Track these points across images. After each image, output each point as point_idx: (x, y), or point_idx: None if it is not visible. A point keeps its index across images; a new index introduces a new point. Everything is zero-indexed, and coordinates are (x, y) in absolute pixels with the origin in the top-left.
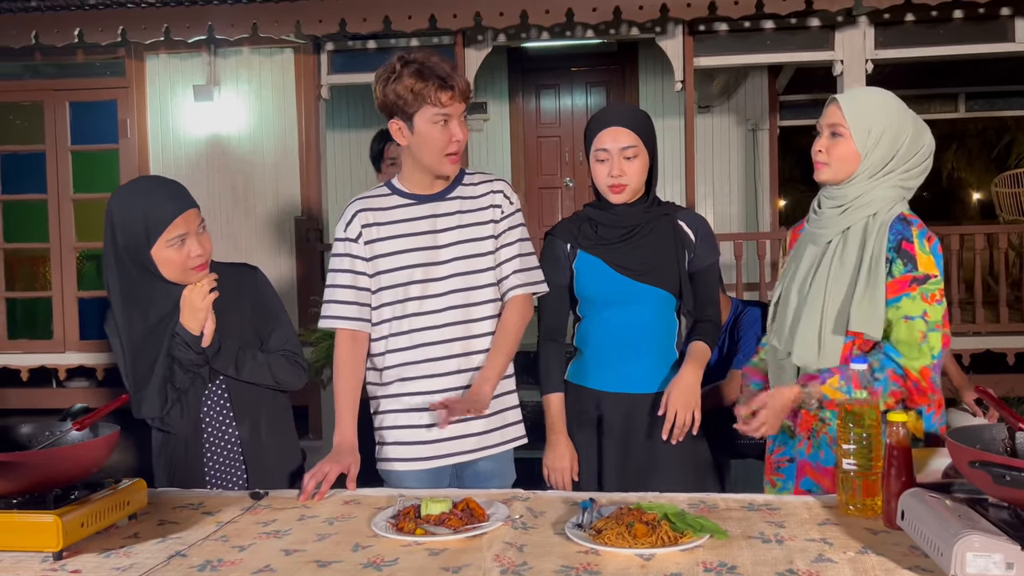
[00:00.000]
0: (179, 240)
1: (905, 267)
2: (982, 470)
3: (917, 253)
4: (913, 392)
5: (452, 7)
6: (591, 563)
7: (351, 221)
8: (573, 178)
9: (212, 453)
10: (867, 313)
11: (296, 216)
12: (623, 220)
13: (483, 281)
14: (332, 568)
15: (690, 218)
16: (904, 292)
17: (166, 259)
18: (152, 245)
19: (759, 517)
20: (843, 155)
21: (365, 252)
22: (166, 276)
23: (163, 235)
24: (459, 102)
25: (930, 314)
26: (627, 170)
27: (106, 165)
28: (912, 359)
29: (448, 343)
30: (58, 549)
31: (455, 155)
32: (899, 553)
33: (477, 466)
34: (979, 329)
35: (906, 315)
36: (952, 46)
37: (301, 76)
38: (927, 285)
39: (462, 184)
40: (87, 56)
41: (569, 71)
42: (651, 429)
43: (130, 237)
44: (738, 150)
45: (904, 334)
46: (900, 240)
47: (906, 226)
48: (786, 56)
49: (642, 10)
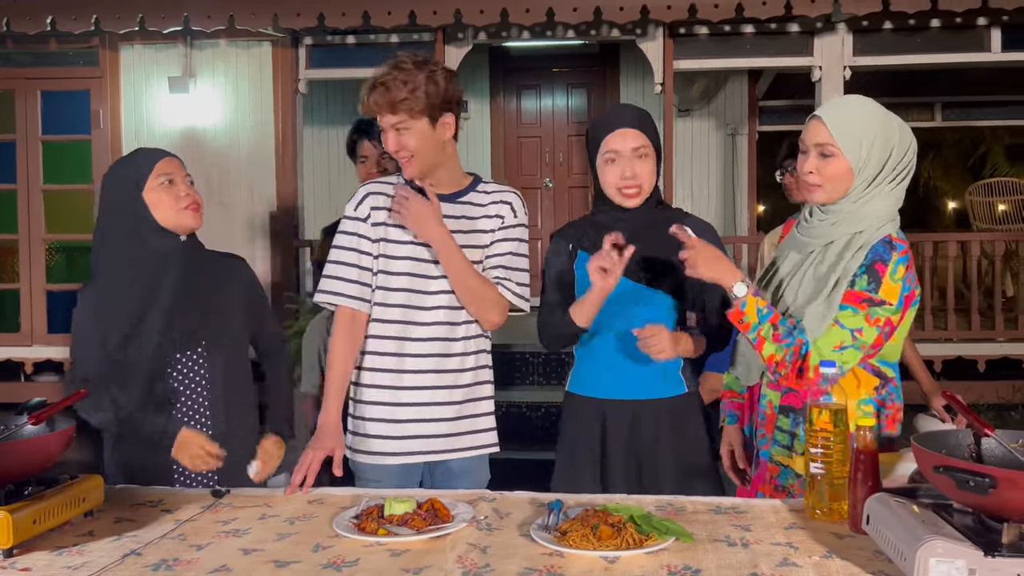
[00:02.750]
0: (167, 180)
1: (868, 285)
2: (946, 475)
3: (886, 278)
4: (793, 371)
5: (432, 4)
6: (555, 565)
7: (362, 201)
8: (553, 179)
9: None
10: (819, 317)
11: (271, 211)
12: (630, 222)
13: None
14: (290, 568)
15: (698, 225)
16: (851, 305)
17: (157, 200)
18: (143, 188)
19: (726, 520)
20: (836, 174)
21: (372, 233)
22: (160, 221)
23: (151, 176)
24: (383, 112)
25: (864, 333)
26: (639, 171)
27: (77, 156)
28: (816, 354)
29: (429, 341)
30: (8, 546)
31: (403, 159)
32: (864, 558)
33: (449, 465)
34: (951, 336)
35: (838, 321)
36: (929, 55)
37: (279, 70)
38: (878, 309)
39: (475, 191)
40: (60, 45)
41: (550, 72)
42: (658, 435)
43: (122, 191)
44: (717, 154)
45: (825, 336)
46: (876, 260)
47: (888, 249)
48: (765, 61)
49: (622, 11)
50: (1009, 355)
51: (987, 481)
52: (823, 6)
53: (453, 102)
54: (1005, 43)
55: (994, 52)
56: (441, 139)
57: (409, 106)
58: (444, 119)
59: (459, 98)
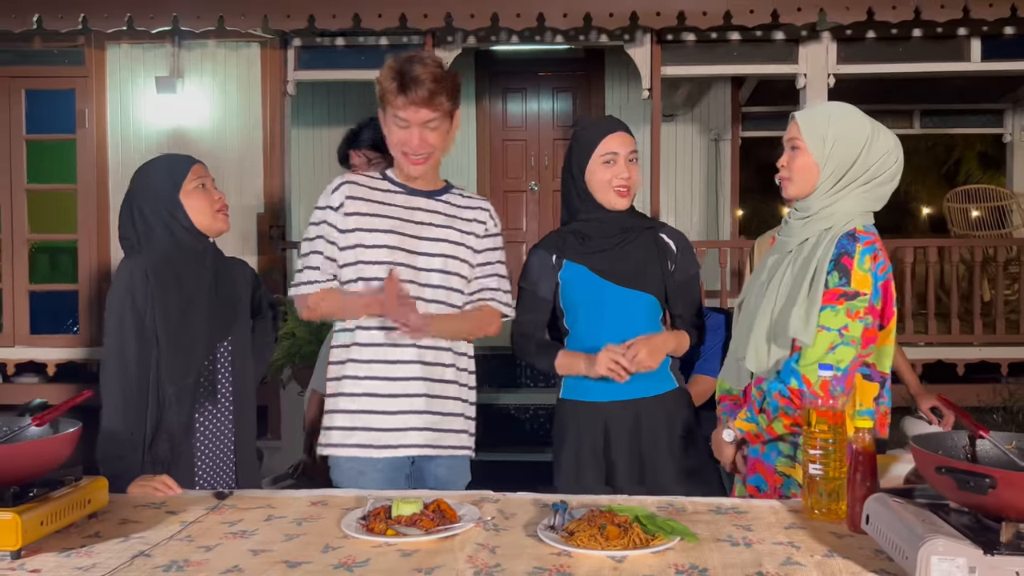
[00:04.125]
0: (201, 184)
1: (839, 280)
2: (948, 476)
3: (854, 269)
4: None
5: (423, 7)
6: (564, 565)
7: (336, 190)
8: (538, 182)
9: (203, 453)
10: (803, 320)
11: (259, 212)
12: (611, 227)
13: (455, 284)
14: (302, 569)
15: (671, 232)
16: (829, 304)
17: (195, 204)
18: (180, 189)
19: (727, 520)
20: (802, 167)
21: (341, 223)
22: (196, 223)
23: (187, 179)
24: (420, 108)
25: (850, 329)
26: (632, 174)
27: (62, 155)
28: (807, 364)
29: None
30: (16, 548)
31: (414, 157)
32: (864, 556)
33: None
34: (931, 340)
35: (823, 325)
36: (911, 63)
37: (267, 71)
38: (854, 302)
39: (450, 193)
40: (45, 43)
41: (536, 76)
42: (658, 432)
43: (159, 193)
44: (700, 159)
45: (814, 345)
46: (841, 255)
47: (851, 241)
48: (751, 68)
49: (612, 17)
50: (987, 359)
51: (987, 481)
52: (809, 15)
53: (457, 101)
54: (984, 53)
55: (973, 62)
56: (452, 135)
57: (441, 103)
58: (455, 119)
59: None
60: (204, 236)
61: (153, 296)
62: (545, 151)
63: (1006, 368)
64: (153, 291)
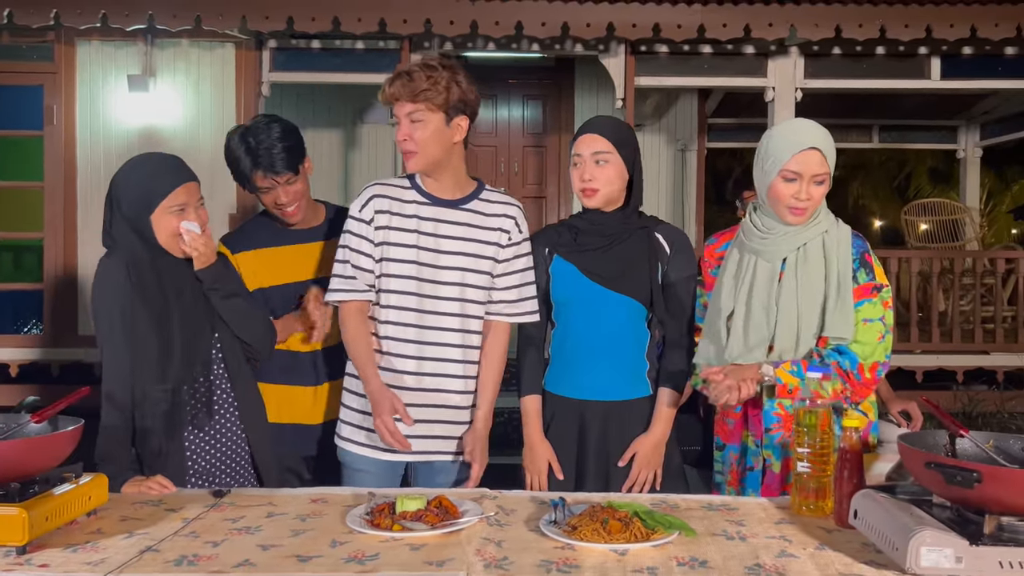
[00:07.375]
0: (179, 209)
1: (867, 276)
2: (936, 471)
3: (875, 265)
4: (857, 385)
5: (403, 12)
6: (569, 558)
7: (366, 204)
8: (507, 188)
9: (222, 453)
10: (841, 318)
11: (231, 213)
12: (600, 228)
13: (474, 296)
14: (314, 563)
15: (668, 232)
16: (866, 298)
17: (164, 226)
18: (153, 210)
19: (719, 516)
20: (823, 195)
21: (375, 236)
22: (161, 242)
23: (164, 202)
24: (405, 102)
25: (887, 317)
26: (597, 175)
27: (29, 152)
28: (868, 355)
29: (448, 347)
30: (23, 543)
31: (407, 152)
32: (853, 549)
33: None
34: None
35: (866, 318)
36: (875, 80)
37: (242, 72)
38: (883, 292)
39: (478, 199)
40: (13, 38)
41: (506, 83)
42: (628, 436)
43: (133, 204)
44: (667, 169)
45: (864, 335)
46: (863, 253)
47: (863, 241)
48: (721, 80)
49: (589, 27)
50: (944, 366)
51: (973, 476)
52: (780, 30)
53: (470, 107)
54: (944, 71)
55: (934, 79)
56: (451, 139)
57: (428, 97)
58: (458, 120)
59: (476, 106)
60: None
61: (131, 293)
62: (515, 157)
63: (961, 375)
64: (131, 288)
